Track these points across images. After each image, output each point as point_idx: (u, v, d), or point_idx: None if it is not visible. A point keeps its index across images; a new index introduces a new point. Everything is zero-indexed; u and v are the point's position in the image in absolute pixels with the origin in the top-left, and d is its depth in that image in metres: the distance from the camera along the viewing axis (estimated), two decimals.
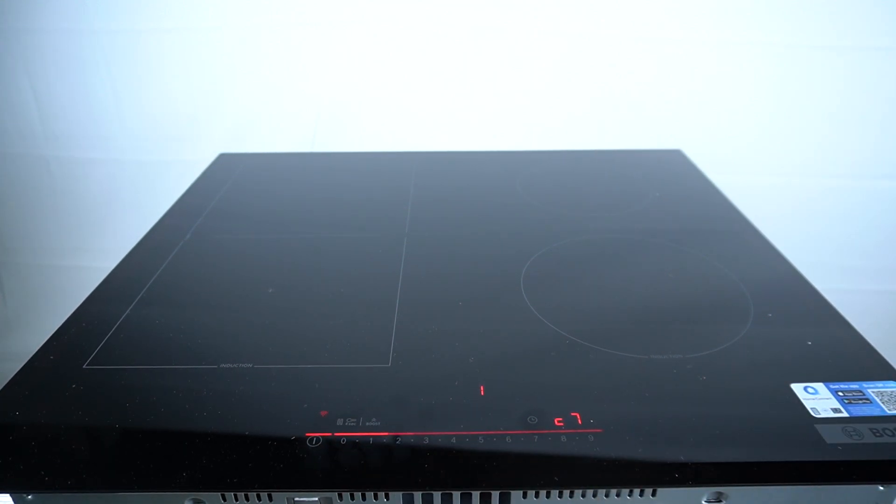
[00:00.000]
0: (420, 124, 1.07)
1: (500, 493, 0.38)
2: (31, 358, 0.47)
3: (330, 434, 0.39)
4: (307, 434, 0.39)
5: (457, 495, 0.37)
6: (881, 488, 0.38)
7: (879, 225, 1.06)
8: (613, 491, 0.38)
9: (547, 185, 0.78)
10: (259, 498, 0.37)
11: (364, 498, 0.37)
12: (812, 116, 1.00)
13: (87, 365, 0.46)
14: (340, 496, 0.37)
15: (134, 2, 1.00)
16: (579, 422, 0.40)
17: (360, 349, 0.48)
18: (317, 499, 0.37)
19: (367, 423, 0.40)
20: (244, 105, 1.08)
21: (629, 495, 0.38)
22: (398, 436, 0.39)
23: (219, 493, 0.37)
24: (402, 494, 0.37)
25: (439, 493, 0.37)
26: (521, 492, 0.38)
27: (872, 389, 0.42)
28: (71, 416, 0.41)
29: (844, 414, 0.40)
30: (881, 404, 0.41)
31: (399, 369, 0.45)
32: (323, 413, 0.41)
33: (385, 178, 0.81)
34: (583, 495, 0.38)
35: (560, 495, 0.38)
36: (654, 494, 0.38)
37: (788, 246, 0.62)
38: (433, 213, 0.71)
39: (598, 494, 0.38)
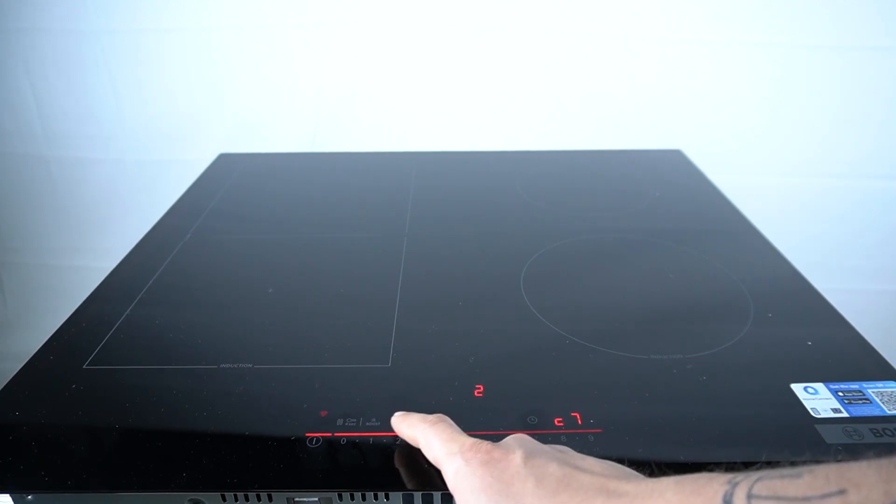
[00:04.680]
0: (420, 124, 1.07)
1: None
2: (31, 358, 0.47)
3: (330, 434, 0.39)
4: (307, 434, 0.39)
5: None
6: None
7: (879, 225, 1.06)
8: None
9: (547, 185, 0.78)
10: (259, 498, 0.37)
11: (364, 498, 0.37)
12: (812, 116, 1.00)
13: (87, 365, 0.46)
14: (340, 496, 0.37)
15: (134, 2, 1.00)
16: (579, 422, 0.40)
17: (360, 349, 0.48)
18: (317, 499, 0.37)
19: (367, 423, 0.40)
20: (244, 105, 1.08)
21: None
22: (398, 436, 0.39)
23: (219, 493, 0.37)
24: (402, 494, 0.37)
25: (439, 493, 0.37)
26: None
27: (872, 389, 0.42)
28: (71, 416, 0.41)
29: (844, 414, 0.40)
30: (881, 404, 0.41)
31: (399, 369, 0.45)
32: (323, 413, 0.41)
33: (385, 178, 0.81)
34: None
35: None
36: None
37: (788, 246, 0.62)
38: (433, 213, 0.71)
39: None
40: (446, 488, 0.36)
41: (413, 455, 0.37)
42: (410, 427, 0.36)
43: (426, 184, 0.78)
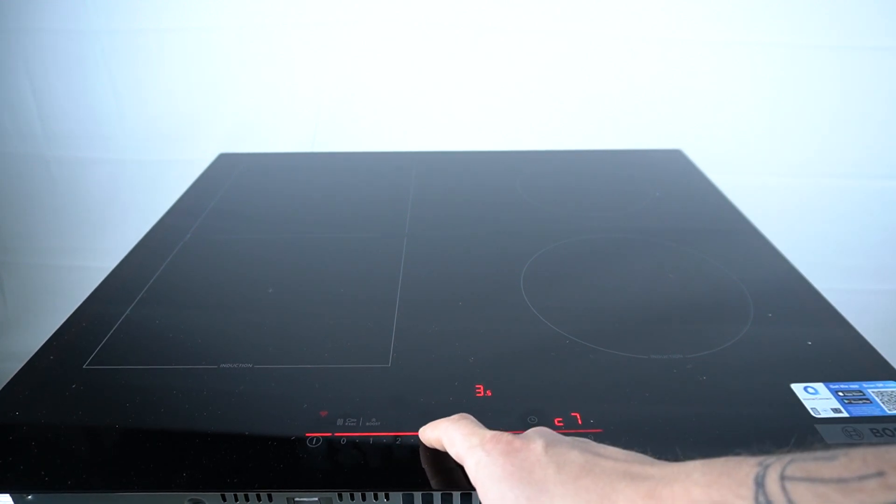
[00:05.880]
0: (420, 124, 1.07)
1: None
2: (31, 358, 0.47)
3: (330, 434, 0.39)
4: (307, 434, 0.39)
5: (457, 495, 0.37)
6: None
7: (879, 225, 1.06)
8: None
9: (547, 185, 0.78)
10: (259, 498, 0.37)
11: (364, 498, 0.37)
12: (812, 116, 1.00)
13: (87, 365, 0.46)
14: (340, 496, 0.37)
15: (134, 2, 1.00)
16: (579, 422, 0.40)
17: (360, 349, 0.48)
18: (317, 499, 0.37)
19: (367, 423, 0.40)
20: (244, 105, 1.08)
21: None
22: (398, 436, 0.39)
23: (219, 493, 0.37)
24: (402, 494, 0.37)
25: (439, 493, 0.37)
26: None
27: (872, 389, 0.42)
28: (71, 416, 0.41)
29: (844, 414, 0.40)
30: (881, 404, 0.41)
31: (399, 369, 0.45)
32: (323, 413, 0.41)
33: (385, 178, 0.81)
34: None
35: None
36: None
37: (788, 246, 0.62)
38: (433, 213, 0.71)
39: None
40: (446, 488, 0.36)
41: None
42: (434, 429, 0.36)
43: (426, 184, 0.78)
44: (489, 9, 0.98)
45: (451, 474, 0.37)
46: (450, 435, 0.34)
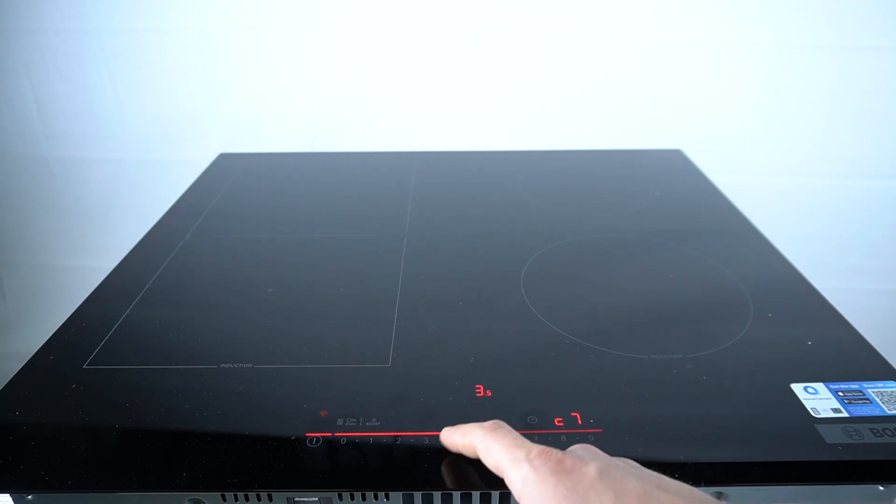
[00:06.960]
0: (420, 124, 1.07)
1: (500, 493, 0.38)
2: (31, 358, 0.47)
3: (330, 434, 0.39)
4: (307, 434, 0.39)
5: (457, 495, 0.37)
6: (881, 488, 0.38)
7: (879, 225, 1.06)
8: None
9: (547, 185, 0.78)
10: (259, 498, 0.37)
11: (364, 498, 0.37)
12: (811, 116, 1.00)
13: (87, 365, 0.46)
14: (340, 496, 0.37)
15: (134, 2, 1.00)
16: (579, 422, 0.40)
17: (360, 349, 0.48)
18: (317, 499, 0.37)
19: (367, 423, 0.40)
20: (244, 105, 1.08)
21: None
22: (398, 436, 0.39)
23: (219, 493, 0.37)
24: (402, 494, 0.37)
25: (439, 493, 0.37)
26: None
27: (872, 389, 0.42)
28: (71, 416, 0.41)
29: (844, 414, 0.40)
30: (881, 404, 0.41)
31: (399, 369, 0.45)
32: (323, 413, 0.41)
33: (385, 178, 0.81)
34: None
35: None
36: None
37: (788, 246, 0.62)
38: (433, 212, 0.71)
39: None
40: (446, 488, 0.36)
41: (413, 454, 0.37)
42: (465, 435, 0.35)
43: (426, 184, 0.78)
44: (489, 9, 0.98)
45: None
46: (486, 444, 0.33)
